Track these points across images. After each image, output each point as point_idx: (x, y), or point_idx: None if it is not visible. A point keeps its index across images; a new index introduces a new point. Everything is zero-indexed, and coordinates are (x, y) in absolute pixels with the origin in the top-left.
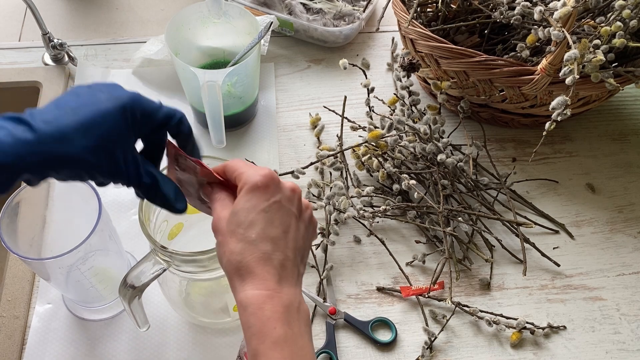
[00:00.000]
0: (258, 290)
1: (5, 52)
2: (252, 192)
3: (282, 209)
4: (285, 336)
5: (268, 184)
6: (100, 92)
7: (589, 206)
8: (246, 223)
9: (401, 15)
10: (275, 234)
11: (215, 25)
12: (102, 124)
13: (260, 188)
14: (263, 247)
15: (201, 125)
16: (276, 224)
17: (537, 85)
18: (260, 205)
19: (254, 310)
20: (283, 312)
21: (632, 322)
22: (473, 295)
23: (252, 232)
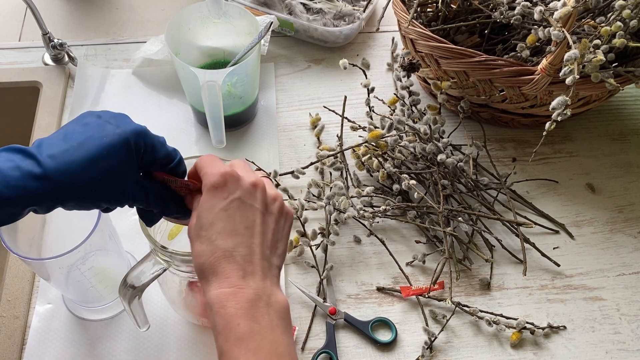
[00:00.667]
0: (221, 288)
1: (5, 52)
2: (210, 192)
3: (243, 205)
4: (250, 331)
5: (225, 182)
6: (108, 124)
7: (589, 206)
8: (207, 224)
9: (401, 15)
10: (237, 231)
11: (216, 25)
12: (107, 158)
13: (218, 187)
14: (224, 245)
15: (201, 125)
16: (237, 220)
17: (537, 85)
18: (219, 205)
19: (217, 309)
20: (248, 307)
21: (632, 322)
22: (473, 295)
23: (212, 232)
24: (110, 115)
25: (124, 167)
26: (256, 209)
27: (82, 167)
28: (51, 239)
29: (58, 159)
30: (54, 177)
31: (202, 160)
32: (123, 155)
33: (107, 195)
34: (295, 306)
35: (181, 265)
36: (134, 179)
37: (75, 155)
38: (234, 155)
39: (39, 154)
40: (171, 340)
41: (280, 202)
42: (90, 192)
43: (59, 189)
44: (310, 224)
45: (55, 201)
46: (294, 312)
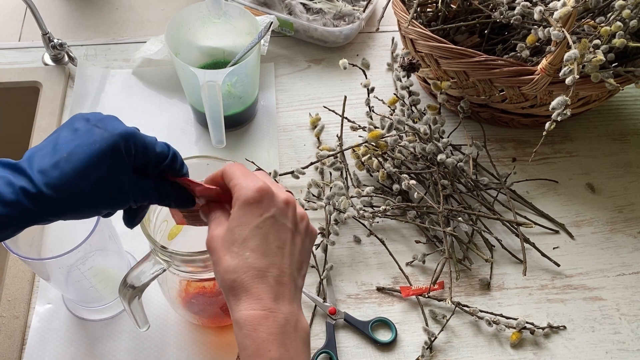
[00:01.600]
0: (253, 310)
1: (5, 52)
2: (245, 207)
3: (277, 223)
4: (280, 358)
5: (262, 199)
6: (96, 128)
7: (589, 206)
8: (240, 240)
9: (401, 15)
10: (270, 250)
11: (215, 25)
12: (98, 166)
13: (254, 204)
14: (257, 264)
15: (201, 125)
16: (271, 239)
17: (537, 85)
18: (253, 222)
19: (248, 331)
20: (279, 333)
21: (632, 322)
22: (473, 295)
23: (246, 250)
24: (98, 118)
25: (116, 173)
26: (288, 228)
27: (74, 179)
28: (51, 239)
29: (49, 174)
30: (47, 193)
31: (232, 170)
32: (114, 161)
33: (104, 202)
34: None
35: (181, 265)
36: (130, 181)
37: (65, 167)
38: (234, 155)
39: (30, 169)
40: (171, 340)
41: (307, 221)
42: (86, 202)
43: (54, 204)
44: None
45: (52, 215)
46: None
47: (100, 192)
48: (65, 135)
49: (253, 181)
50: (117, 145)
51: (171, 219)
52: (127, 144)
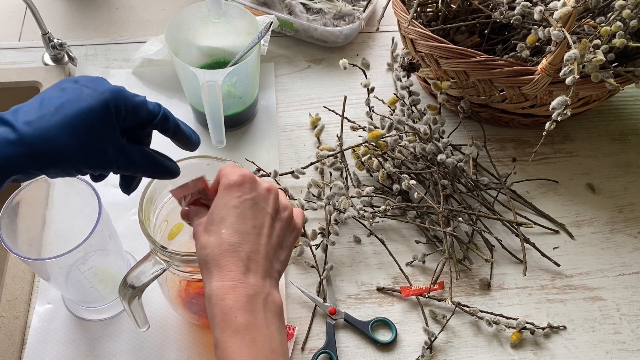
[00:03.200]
0: (222, 281)
1: (5, 52)
2: (226, 189)
3: (256, 206)
4: (247, 324)
5: (242, 182)
6: (85, 87)
7: (589, 206)
8: (218, 219)
9: (401, 15)
10: (245, 229)
11: (215, 25)
12: (85, 121)
13: (234, 186)
14: (231, 239)
15: (201, 125)
16: (247, 219)
17: (537, 85)
18: (232, 202)
19: (216, 300)
20: (246, 301)
21: (632, 322)
22: (473, 295)
23: (222, 227)
24: (87, 79)
25: (103, 131)
26: (267, 213)
27: (60, 132)
28: (51, 239)
29: (34, 125)
30: (31, 143)
31: (225, 167)
32: (102, 118)
33: (87, 160)
34: (295, 306)
35: (181, 265)
36: (116, 143)
37: (52, 120)
38: (234, 155)
39: (15, 120)
40: (171, 340)
41: (290, 213)
42: (70, 158)
43: (37, 155)
44: (310, 224)
45: (35, 168)
46: (294, 312)
47: (84, 149)
48: (52, 94)
49: (239, 170)
50: (106, 102)
51: (171, 219)
52: (116, 103)
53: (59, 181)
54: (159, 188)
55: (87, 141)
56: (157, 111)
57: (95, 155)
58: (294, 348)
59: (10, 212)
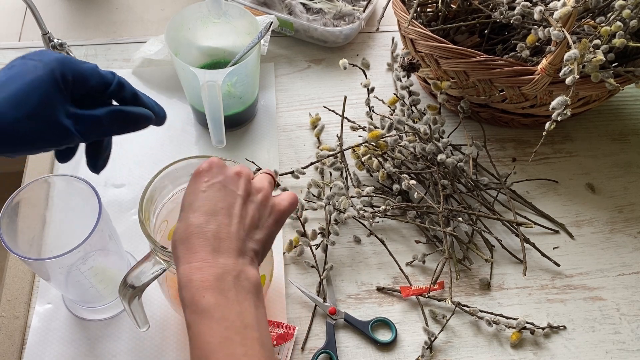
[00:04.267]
0: (189, 263)
1: (5, 52)
2: (195, 177)
3: (224, 189)
4: (215, 303)
5: (210, 167)
6: (30, 60)
7: (589, 206)
8: (186, 205)
9: (401, 15)
10: (212, 211)
11: (215, 25)
12: (31, 93)
13: (202, 172)
14: (196, 221)
15: (201, 125)
16: (215, 201)
17: (537, 85)
18: (200, 187)
19: (184, 283)
20: (214, 280)
21: (632, 322)
22: (473, 295)
23: (190, 212)
24: (34, 53)
25: (51, 100)
26: (237, 195)
27: (7, 107)
28: (51, 239)
29: None
30: None
31: (211, 159)
32: (48, 88)
33: (42, 133)
34: (295, 306)
35: None
36: (66, 111)
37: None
38: (234, 155)
39: None
40: (171, 340)
41: (266, 195)
42: (21, 132)
43: None
44: (310, 224)
45: None
46: (294, 312)
47: (35, 121)
48: (0, 72)
49: (208, 159)
50: (52, 72)
51: (171, 219)
52: (63, 71)
53: (59, 181)
54: (158, 188)
55: (35, 112)
56: (110, 79)
57: (48, 127)
58: (294, 348)
59: (10, 212)
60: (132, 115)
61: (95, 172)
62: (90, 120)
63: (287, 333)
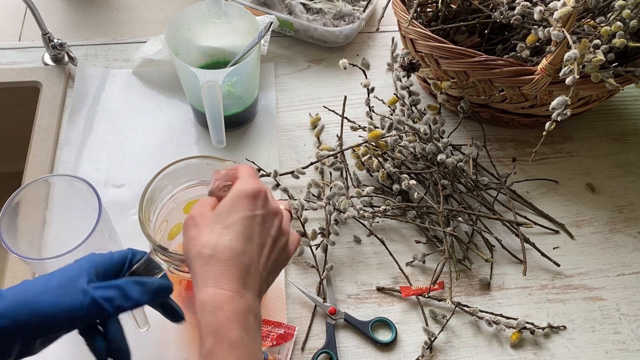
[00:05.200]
0: (222, 289)
1: (5, 52)
2: (240, 197)
3: (263, 225)
4: (241, 340)
5: (257, 196)
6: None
7: (589, 206)
8: (226, 223)
9: (401, 15)
10: (250, 243)
11: (215, 25)
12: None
13: (248, 196)
14: (236, 248)
15: (201, 125)
16: (253, 234)
17: (537, 85)
18: (243, 212)
19: (213, 308)
20: (242, 316)
21: (632, 322)
22: (473, 295)
23: (228, 233)
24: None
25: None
26: (270, 234)
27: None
28: (51, 239)
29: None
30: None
31: (245, 168)
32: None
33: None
34: (295, 306)
35: (181, 266)
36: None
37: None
38: (233, 155)
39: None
40: (171, 340)
41: (287, 240)
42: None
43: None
44: (310, 224)
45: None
46: (294, 312)
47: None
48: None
49: (255, 182)
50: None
51: (171, 219)
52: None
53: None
54: (158, 188)
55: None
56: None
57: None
58: (294, 348)
59: (10, 212)
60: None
61: (177, 322)
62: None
63: (287, 333)
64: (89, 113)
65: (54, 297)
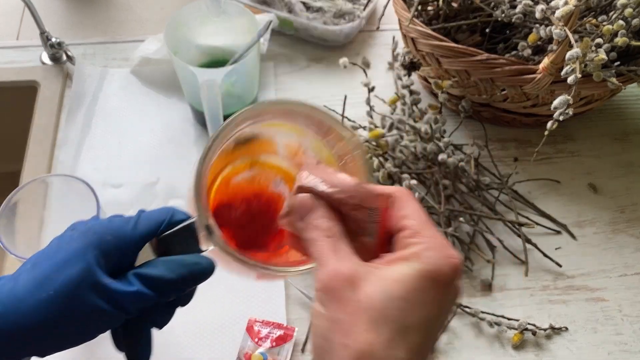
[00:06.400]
0: None
1: (2, 51)
2: (429, 282)
3: (445, 318)
4: None
5: (452, 281)
6: (70, 231)
7: (591, 206)
8: (400, 324)
9: (402, 14)
10: (424, 356)
11: (215, 23)
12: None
13: (442, 283)
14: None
15: (200, 125)
16: (432, 341)
17: (538, 85)
18: (430, 309)
19: None
20: None
21: (634, 323)
22: (474, 296)
23: (402, 344)
24: (79, 223)
25: (81, 279)
26: (444, 327)
27: (26, 293)
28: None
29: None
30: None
31: (410, 202)
32: (79, 265)
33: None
34: (295, 307)
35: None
36: (98, 287)
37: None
38: None
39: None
40: (171, 340)
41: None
42: (42, 319)
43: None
44: None
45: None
46: (294, 313)
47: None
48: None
49: (446, 246)
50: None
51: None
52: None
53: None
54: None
55: (58, 294)
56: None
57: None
58: (294, 349)
59: (8, 212)
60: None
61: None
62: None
63: (286, 334)
64: (87, 112)
65: (54, 312)
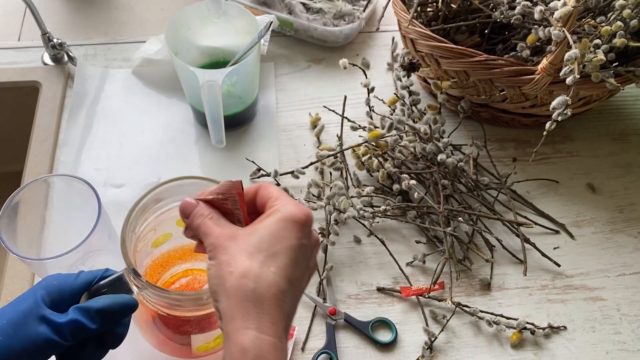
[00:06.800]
0: (265, 334)
1: (4, 52)
2: (287, 223)
3: (305, 255)
4: None
5: (306, 224)
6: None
7: (590, 206)
8: (269, 251)
9: (401, 15)
10: (293, 277)
11: (215, 24)
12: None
13: (297, 223)
14: (281, 284)
15: (201, 125)
16: (298, 267)
17: (537, 85)
18: (290, 240)
19: (254, 356)
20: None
21: (633, 323)
22: (473, 295)
23: (273, 263)
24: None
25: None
26: (308, 267)
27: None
28: (51, 239)
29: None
30: None
31: (274, 189)
32: (31, 305)
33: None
34: None
35: (153, 297)
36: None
37: None
38: (233, 155)
39: None
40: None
41: (312, 274)
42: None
43: None
44: None
45: None
46: None
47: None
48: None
49: (301, 206)
50: (35, 294)
51: (160, 229)
52: (45, 294)
53: (58, 181)
54: (152, 201)
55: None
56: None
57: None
58: (294, 348)
59: (9, 212)
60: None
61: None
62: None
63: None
64: (88, 113)
65: (5, 337)
